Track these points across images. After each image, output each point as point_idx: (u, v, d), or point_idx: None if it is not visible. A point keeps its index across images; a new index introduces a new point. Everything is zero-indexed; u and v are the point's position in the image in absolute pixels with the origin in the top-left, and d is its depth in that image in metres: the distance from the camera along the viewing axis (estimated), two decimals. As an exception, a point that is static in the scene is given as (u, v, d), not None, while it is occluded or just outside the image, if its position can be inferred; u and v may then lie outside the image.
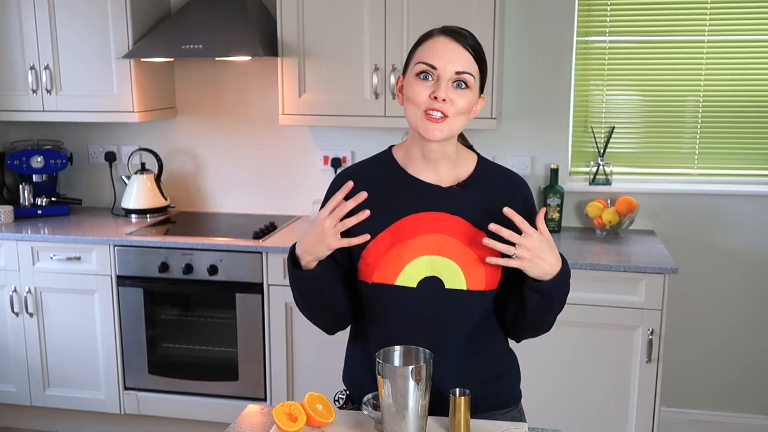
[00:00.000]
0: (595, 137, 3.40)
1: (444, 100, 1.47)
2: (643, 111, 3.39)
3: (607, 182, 3.39)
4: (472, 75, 1.50)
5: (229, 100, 3.64)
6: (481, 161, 1.64)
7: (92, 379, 3.34)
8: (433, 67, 1.48)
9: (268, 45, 3.19)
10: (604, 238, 3.24)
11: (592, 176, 3.41)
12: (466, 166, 1.61)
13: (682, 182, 3.39)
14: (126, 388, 3.31)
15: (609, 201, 3.31)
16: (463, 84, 1.49)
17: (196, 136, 3.71)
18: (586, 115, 3.43)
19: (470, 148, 1.66)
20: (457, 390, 1.47)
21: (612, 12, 3.32)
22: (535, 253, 1.45)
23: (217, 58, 3.47)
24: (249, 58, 3.27)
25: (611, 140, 3.39)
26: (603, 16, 3.33)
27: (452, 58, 1.48)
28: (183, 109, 3.70)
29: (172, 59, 3.54)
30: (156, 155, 3.63)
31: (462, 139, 1.65)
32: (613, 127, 3.39)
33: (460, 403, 1.46)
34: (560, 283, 1.51)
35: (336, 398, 1.72)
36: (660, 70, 3.34)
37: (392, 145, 1.67)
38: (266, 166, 3.65)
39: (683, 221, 3.35)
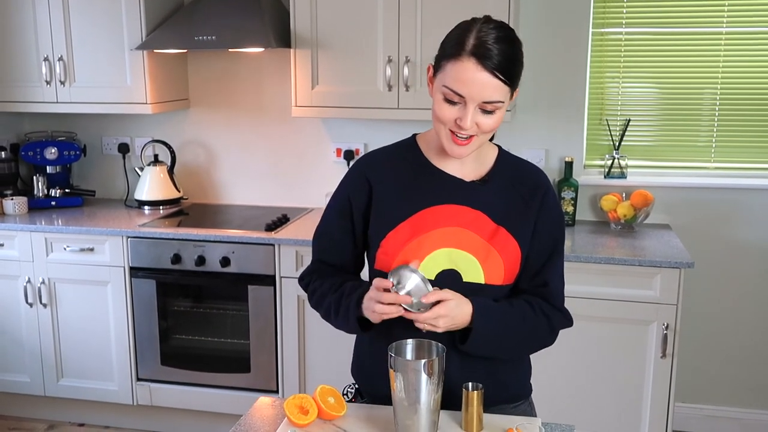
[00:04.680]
0: (610, 130, 3.37)
1: (469, 128, 1.46)
2: (659, 103, 3.35)
3: (622, 175, 3.36)
4: (502, 101, 1.45)
5: (242, 92, 3.63)
6: (502, 154, 1.63)
7: (105, 369, 3.35)
8: (460, 95, 1.44)
9: (281, 36, 3.17)
10: (619, 232, 3.21)
11: (607, 169, 3.37)
12: (488, 158, 1.61)
13: (698, 176, 3.35)
14: (138, 379, 3.32)
15: (624, 194, 3.28)
16: (488, 111, 1.46)
17: (208, 127, 3.71)
18: (601, 107, 3.40)
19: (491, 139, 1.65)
20: (470, 384, 1.46)
21: (628, 3, 3.28)
22: (450, 317, 1.45)
23: (230, 50, 3.46)
24: (262, 49, 3.26)
25: (627, 133, 3.35)
26: (619, 7, 3.29)
27: (480, 88, 1.42)
28: (196, 100, 3.70)
29: (185, 51, 3.54)
30: (169, 147, 3.63)
31: None
32: (629, 120, 3.35)
33: (473, 397, 1.45)
34: (484, 336, 1.50)
35: (345, 392, 1.71)
36: (677, 62, 3.30)
37: (416, 134, 1.66)
38: (279, 158, 3.65)
39: (699, 215, 3.31)
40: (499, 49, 1.42)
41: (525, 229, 1.56)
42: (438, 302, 1.44)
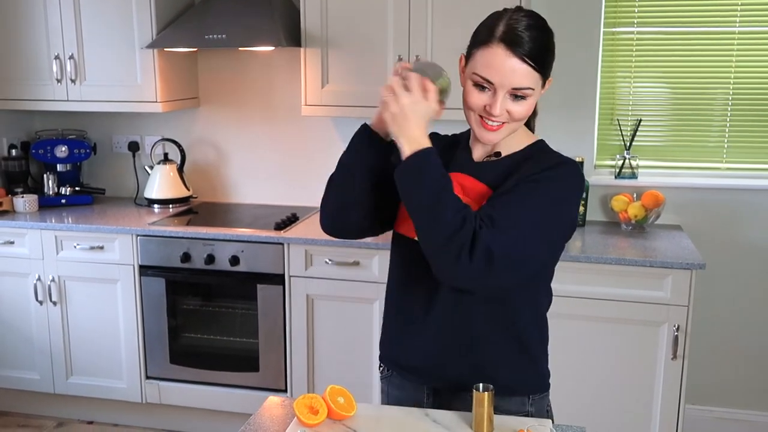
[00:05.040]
0: (621, 130, 3.35)
1: (500, 115, 1.46)
2: (670, 103, 3.33)
3: (633, 176, 3.34)
4: (532, 88, 1.45)
5: (252, 91, 3.63)
6: (536, 145, 1.60)
7: (114, 367, 3.35)
8: (489, 82, 1.44)
9: (292, 35, 3.17)
10: (630, 232, 3.19)
11: (617, 170, 3.35)
12: (519, 146, 1.58)
13: (710, 176, 3.32)
14: (147, 377, 3.33)
15: (635, 195, 3.26)
16: (519, 97, 1.46)
17: (218, 126, 3.71)
18: (612, 107, 3.38)
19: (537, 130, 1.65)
20: (480, 385, 1.45)
21: (640, 2, 3.26)
22: (402, 110, 1.43)
23: (240, 48, 3.46)
24: (272, 48, 3.25)
25: (638, 133, 3.33)
26: (631, 6, 3.27)
27: (509, 74, 1.42)
28: (206, 99, 3.70)
29: (195, 49, 3.54)
30: (179, 145, 3.63)
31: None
32: (640, 120, 3.33)
33: (483, 398, 1.44)
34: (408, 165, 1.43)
35: (380, 370, 1.78)
36: (689, 61, 3.28)
37: None
38: (288, 157, 3.64)
39: (711, 216, 3.29)
40: (530, 36, 1.42)
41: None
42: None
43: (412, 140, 1.42)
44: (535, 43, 1.43)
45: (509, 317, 1.57)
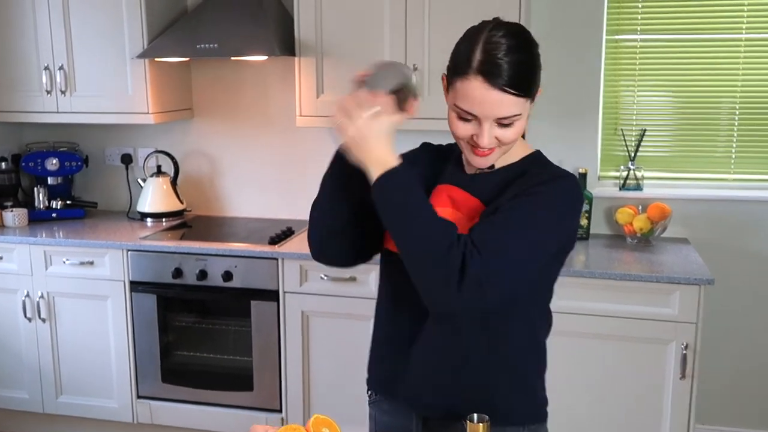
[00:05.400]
0: (625, 140, 3.25)
1: (489, 145, 1.38)
2: (676, 113, 3.23)
3: (638, 187, 3.24)
4: (518, 114, 1.36)
5: (246, 101, 3.55)
6: (531, 157, 1.50)
7: (105, 386, 3.26)
8: (472, 115, 1.36)
9: (286, 44, 3.09)
10: (635, 246, 3.09)
11: (622, 181, 3.26)
12: (515, 157, 1.49)
13: (717, 188, 3.23)
14: (139, 397, 3.23)
15: (640, 207, 3.16)
16: (506, 125, 1.37)
17: (212, 138, 3.63)
18: (616, 117, 3.28)
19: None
20: (475, 416, 1.35)
21: (644, 9, 3.17)
22: (359, 131, 1.33)
23: (233, 58, 3.39)
24: (266, 57, 3.18)
25: (642, 143, 3.24)
26: (634, 13, 3.18)
27: (491, 106, 1.34)
28: (199, 110, 3.62)
29: (187, 59, 3.46)
30: (172, 158, 3.55)
31: None
32: (645, 130, 3.24)
33: (477, 429, 1.35)
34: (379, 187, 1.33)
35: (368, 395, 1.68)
36: (694, 69, 3.18)
37: None
38: (284, 168, 3.56)
39: (719, 229, 3.19)
40: (510, 62, 1.32)
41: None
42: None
43: (375, 162, 1.33)
44: (517, 69, 1.33)
45: (503, 342, 1.47)
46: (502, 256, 1.30)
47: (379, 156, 1.33)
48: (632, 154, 3.24)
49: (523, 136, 1.52)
